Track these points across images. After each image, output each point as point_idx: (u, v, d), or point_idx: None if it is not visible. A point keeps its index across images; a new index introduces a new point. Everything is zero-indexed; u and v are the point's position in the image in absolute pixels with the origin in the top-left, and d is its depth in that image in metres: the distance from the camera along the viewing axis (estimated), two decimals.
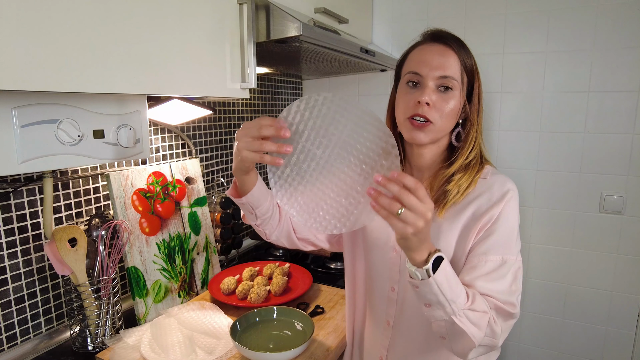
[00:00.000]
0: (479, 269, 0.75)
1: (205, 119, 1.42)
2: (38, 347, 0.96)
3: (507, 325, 0.75)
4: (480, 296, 0.71)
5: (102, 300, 0.96)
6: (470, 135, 0.81)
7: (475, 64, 0.81)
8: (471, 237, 0.77)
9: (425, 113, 0.76)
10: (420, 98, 0.76)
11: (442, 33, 0.81)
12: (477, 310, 0.68)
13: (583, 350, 1.58)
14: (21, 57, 0.56)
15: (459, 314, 0.67)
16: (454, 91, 0.77)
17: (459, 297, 0.67)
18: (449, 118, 0.78)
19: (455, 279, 0.68)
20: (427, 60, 0.78)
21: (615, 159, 1.44)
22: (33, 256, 0.95)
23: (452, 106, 0.77)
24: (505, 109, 1.56)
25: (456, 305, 0.67)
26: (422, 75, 0.77)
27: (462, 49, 0.79)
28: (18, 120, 0.66)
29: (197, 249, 1.23)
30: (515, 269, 0.76)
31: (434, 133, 0.78)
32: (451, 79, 0.76)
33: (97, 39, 0.65)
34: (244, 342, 0.91)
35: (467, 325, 0.67)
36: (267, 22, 0.94)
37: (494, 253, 0.75)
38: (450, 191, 0.78)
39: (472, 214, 0.78)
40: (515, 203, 0.78)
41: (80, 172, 1.04)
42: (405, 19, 1.69)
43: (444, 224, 0.79)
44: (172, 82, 0.80)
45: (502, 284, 0.74)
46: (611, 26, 1.38)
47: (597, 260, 1.51)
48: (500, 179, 0.80)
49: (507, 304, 0.73)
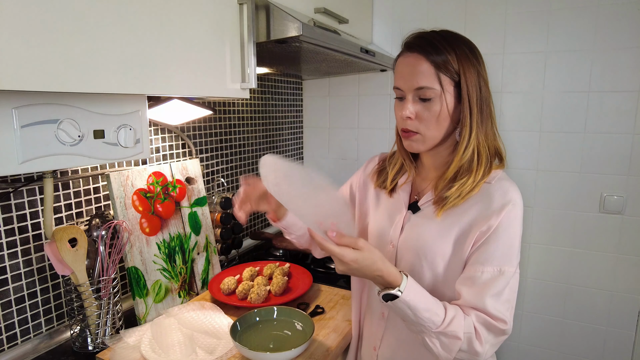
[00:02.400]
0: (474, 280, 0.75)
1: (206, 119, 1.42)
2: (38, 347, 0.96)
3: (496, 341, 0.75)
4: (462, 317, 0.73)
5: (102, 300, 0.96)
6: (462, 135, 0.78)
7: (465, 60, 0.76)
8: (468, 244, 0.77)
9: (408, 126, 0.79)
10: (402, 113, 0.79)
11: (414, 40, 0.79)
12: (449, 335, 0.71)
13: (583, 350, 1.58)
14: (21, 57, 0.56)
15: (429, 335, 0.72)
16: (433, 99, 0.76)
17: (428, 322, 0.71)
18: (437, 125, 0.78)
19: (425, 305, 0.71)
20: (402, 73, 0.79)
21: (615, 159, 1.44)
22: (33, 256, 0.95)
23: (434, 114, 0.77)
24: (505, 109, 1.56)
25: (425, 328, 0.72)
26: (402, 89, 0.79)
27: (433, 51, 0.75)
28: (18, 121, 0.66)
29: (197, 249, 1.23)
30: (514, 281, 0.76)
31: (425, 142, 0.80)
32: (426, 89, 0.75)
33: (97, 39, 0.65)
34: (244, 342, 0.91)
35: (436, 347, 0.73)
36: (267, 22, 0.94)
37: (490, 264, 0.75)
38: (452, 195, 0.78)
39: (470, 220, 0.77)
40: (515, 214, 0.76)
41: (80, 172, 1.04)
42: (405, 19, 1.69)
43: (442, 225, 0.80)
44: (172, 82, 0.80)
45: (496, 299, 0.74)
46: (611, 26, 1.38)
47: (597, 260, 1.51)
48: (503, 187, 0.78)
49: (499, 320, 0.73)
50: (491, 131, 0.81)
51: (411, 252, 0.83)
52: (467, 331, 0.72)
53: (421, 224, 0.83)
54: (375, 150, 1.89)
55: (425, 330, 0.72)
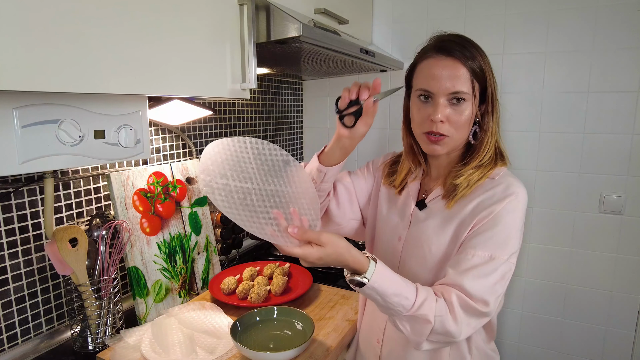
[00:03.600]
0: (462, 261, 0.75)
1: (206, 119, 1.43)
2: (39, 346, 0.96)
3: (475, 322, 0.74)
4: (433, 299, 0.72)
5: (102, 300, 0.96)
6: (486, 139, 0.82)
7: (485, 63, 0.80)
8: (465, 230, 0.78)
9: (439, 129, 0.79)
10: (434, 117, 0.78)
11: (447, 43, 0.80)
12: (419, 319, 0.71)
13: (582, 350, 1.58)
14: (22, 57, 0.56)
15: (399, 318, 0.73)
16: (466, 102, 0.78)
17: (397, 307, 0.71)
18: (464, 128, 0.80)
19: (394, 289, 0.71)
20: (436, 77, 0.78)
21: (614, 159, 1.44)
22: (34, 256, 0.95)
23: (466, 116, 0.79)
24: (505, 109, 1.56)
25: (394, 312, 0.72)
26: (432, 92, 0.79)
27: (470, 56, 0.78)
28: (19, 121, 0.66)
29: (197, 249, 1.23)
30: (505, 269, 0.75)
31: (451, 145, 0.81)
32: (462, 93, 0.77)
33: (97, 39, 0.65)
34: (244, 341, 0.91)
35: (406, 330, 0.73)
36: (268, 23, 0.94)
37: (482, 249, 0.75)
38: (461, 184, 0.80)
39: (472, 209, 0.79)
40: (517, 205, 0.77)
41: (81, 172, 1.04)
42: (405, 20, 1.69)
43: (445, 217, 0.82)
44: (172, 83, 0.80)
45: (476, 279, 0.73)
46: (611, 26, 1.38)
47: (596, 260, 1.52)
48: (507, 182, 0.80)
49: (479, 301, 0.72)
50: (498, 132, 0.85)
51: (416, 245, 0.85)
52: (439, 314, 0.71)
53: (426, 218, 0.86)
54: (375, 150, 1.89)
55: (395, 313, 0.72)
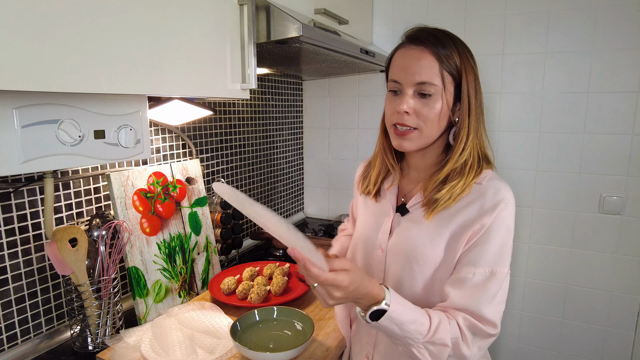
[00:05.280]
0: (464, 282, 0.73)
1: (206, 119, 1.43)
2: (38, 346, 0.96)
3: (484, 343, 0.74)
4: (447, 322, 0.71)
5: (102, 300, 0.96)
6: (460, 137, 0.77)
7: (463, 57, 0.75)
8: (460, 245, 0.75)
9: (405, 121, 0.76)
10: (399, 108, 0.75)
11: (419, 33, 0.77)
12: (436, 344, 0.69)
13: (582, 350, 1.58)
14: (22, 57, 0.56)
15: (417, 346, 0.70)
16: (433, 96, 0.74)
17: (415, 334, 0.68)
18: (434, 123, 0.76)
19: (411, 317, 0.68)
20: (404, 66, 0.75)
21: (614, 160, 1.44)
22: (34, 256, 0.95)
23: (435, 111, 0.75)
24: (505, 110, 1.56)
25: (412, 340, 0.69)
26: (400, 82, 0.76)
27: (441, 48, 0.74)
28: (19, 121, 0.67)
29: (197, 249, 1.23)
30: (506, 283, 0.74)
31: (419, 140, 0.77)
32: (429, 85, 0.73)
33: (98, 39, 0.65)
34: (244, 342, 0.91)
35: (425, 357, 0.70)
36: (268, 23, 0.94)
37: (482, 265, 0.73)
38: (442, 197, 0.76)
39: (462, 222, 0.75)
40: (508, 213, 0.74)
41: (80, 173, 1.04)
42: (405, 20, 1.69)
43: (432, 228, 0.78)
44: (172, 83, 0.80)
45: (486, 303, 0.72)
46: (611, 27, 1.38)
47: (596, 260, 1.52)
48: (495, 186, 0.76)
49: (488, 324, 0.72)
50: (483, 135, 0.80)
51: (401, 257, 0.81)
52: (454, 336, 0.70)
53: (411, 227, 0.81)
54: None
55: (412, 342, 0.69)
